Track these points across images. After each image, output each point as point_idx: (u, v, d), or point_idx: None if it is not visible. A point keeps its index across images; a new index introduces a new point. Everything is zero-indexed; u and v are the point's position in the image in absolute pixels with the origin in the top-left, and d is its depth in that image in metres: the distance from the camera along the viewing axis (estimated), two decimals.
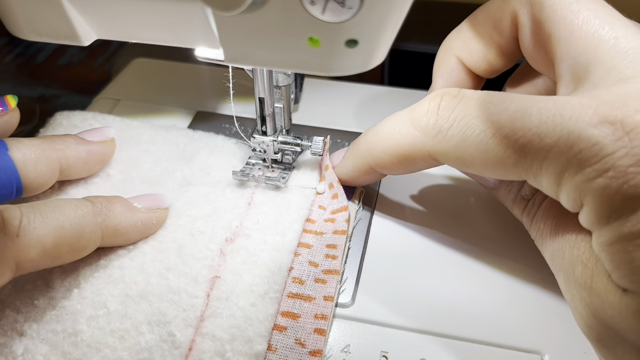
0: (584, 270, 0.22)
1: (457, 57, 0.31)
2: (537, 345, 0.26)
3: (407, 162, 0.27)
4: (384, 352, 0.26)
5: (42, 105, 0.50)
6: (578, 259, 0.22)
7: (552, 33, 0.25)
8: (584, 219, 0.22)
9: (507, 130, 0.22)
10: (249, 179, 0.33)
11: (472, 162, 0.24)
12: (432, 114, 0.26)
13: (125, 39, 0.26)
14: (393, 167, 0.29)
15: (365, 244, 0.31)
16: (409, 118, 0.27)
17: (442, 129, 0.25)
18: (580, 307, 0.22)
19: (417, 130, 0.26)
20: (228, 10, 0.21)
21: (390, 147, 0.28)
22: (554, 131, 0.21)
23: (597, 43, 0.23)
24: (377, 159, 0.29)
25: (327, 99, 0.43)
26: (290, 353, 0.25)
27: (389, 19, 0.22)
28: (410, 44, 0.48)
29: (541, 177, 0.22)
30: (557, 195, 0.22)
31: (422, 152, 0.26)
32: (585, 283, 0.22)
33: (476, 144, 0.24)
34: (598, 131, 0.20)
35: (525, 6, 0.27)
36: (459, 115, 0.24)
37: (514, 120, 0.22)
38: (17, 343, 0.24)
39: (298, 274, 0.28)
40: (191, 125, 0.40)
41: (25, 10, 0.25)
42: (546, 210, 0.26)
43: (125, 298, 0.27)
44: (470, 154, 0.24)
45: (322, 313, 0.27)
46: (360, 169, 0.31)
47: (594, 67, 0.23)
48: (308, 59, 0.24)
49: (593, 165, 0.20)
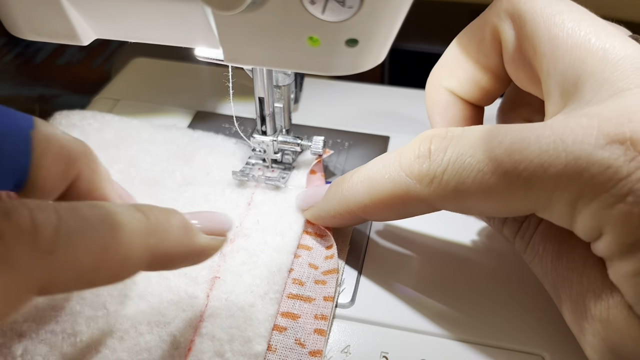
0: (597, 302, 0.20)
1: (447, 89, 0.29)
2: (537, 347, 0.26)
3: (403, 211, 0.26)
4: (384, 352, 0.26)
5: (41, 105, 0.50)
6: (589, 289, 0.21)
7: (537, 48, 0.24)
8: (603, 248, 0.20)
9: (506, 165, 0.21)
10: (248, 179, 0.33)
11: (474, 205, 0.23)
12: (424, 159, 0.23)
13: (125, 39, 0.26)
14: (384, 215, 0.27)
15: (365, 244, 0.31)
16: (398, 164, 0.25)
17: (436, 175, 0.23)
18: (594, 341, 0.21)
19: (410, 178, 0.24)
20: (228, 10, 0.21)
21: (381, 196, 0.25)
22: (558, 159, 0.19)
23: (584, 56, 0.22)
24: (365, 207, 0.26)
25: (327, 99, 0.43)
26: (290, 353, 0.25)
27: (389, 19, 0.22)
28: (411, 44, 0.48)
29: (551, 209, 0.21)
30: (571, 226, 0.21)
31: (417, 200, 0.24)
32: (600, 315, 0.20)
33: (476, 185, 0.22)
34: (608, 153, 0.19)
35: (506, 22, 0.26)
36: (452, 156, 0.22)
37: (511, 153, 0.20)
38: (16, 343, 0.24)
39: (298, 275, 0.28)
40: (191, 125, 0.40)
41: (25, 10, 0.25)
42: (545, 234, 0.24)
43: (124, 299, 0.26)
44: (471, 197, 0.22)
45: (322, 313, 0.26)
46: (344, 215, 0.28)
47: (584, 82, 0.21)
48: (308, 58, 0.24)
49: (610, 191, 0.19)
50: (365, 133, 0.40)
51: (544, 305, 0.28)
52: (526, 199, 0.21)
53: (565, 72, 0.22)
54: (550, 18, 0.23)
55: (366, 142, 0.39)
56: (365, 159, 0.37)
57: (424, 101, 0.44)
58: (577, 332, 0.22)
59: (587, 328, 0.21)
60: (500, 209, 0.22)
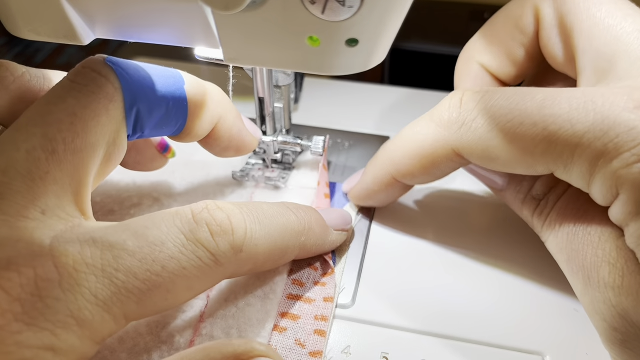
0: (611, 270, 0.21)
1: (479, 63, 0.30)
2: (538, 346, 0.26)
3: (430, 164, 0.26)
4: (384, 352, 0.26)
5: None
6: (604, 260, 0.22)
7: (574, 26, 0.25)
8: (618, 210, 0.21)
9: (535, 117, 0.22)
10: (248, 179, 0.33)
11: (498, 155, 0.23)
12: (455, 108, 0.25)
13: (125, 39, 0.26)
14: (415, 173, 0.27)
15: (365, 244, 0.31)
16: (429, 117, 0.26)
17: (465, 121, 0.24)
18: (604, 307, 0.22)
19: (438, 127, 0.25)
20: (227, 9, 0.21)
21: (411, 150, 0.26)
22: (586, 117, 0.20)
23: (620, 35, 0.23)
24: (399, 165, 0.27)
25: (327, 98, 0.43)
26: (290, 354, 0.25)
27: (389, 18, 0.22)
28: (411, 43, 0.48)
29: (572, 166, 0.21)
30: (588, 186, 0.22)
31: (445, 149, 0.25)
32: (613, 282, 0.21)
33: (503, 134, 0.23)
34: (635, 115, 0.20)
35: (547, 0, 0.27)
36: (483, 106, 0.24)
37: (542, 108, 0.22)
38: None
39: (297, 276, 0.28)
40: None
41: (24, 10, 0.25)
42: (562, 211, 0.25)
43: None
44: (496, 145, 0.23)
45: (322, 314, 0.26)
46: (381, 181, 0.29)
47: (619, 59, 0.23)
48: (308, 58, 0.24)
49: (632, 150, 0.19)
50: (365, 133, 0.40)
51: (544, 305, 0.28)
52: (547, 154, 0.22)
53: (600, 49, 0.24)
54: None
55: (366, 142, 0.39)
56: (365, 159, 0.37)
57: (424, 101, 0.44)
58: (586, 302, 0.23)
59: (598, 296, 0.22)
60: (520, 161, 0.23)
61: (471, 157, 0.25)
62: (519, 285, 0.29)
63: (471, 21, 0.50)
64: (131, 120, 0.24)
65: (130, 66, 0.24)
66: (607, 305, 0.21)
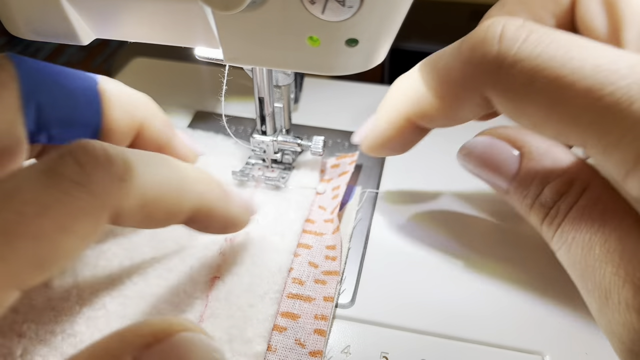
0: (637, 293, 0.19)
1: None
2: (538, 346, 0.26)
3: (454, 105, 0.23)
4: (384, 352, 0.26)
5: None
6: (627, 280, 0.20)
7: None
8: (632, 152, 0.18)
9: (590, 81, 0.18)
10: (248, 179, 0.33)
11: (535, 111, 0.20)
12: (493, 42, 0.20)
13: (124, 39, 0.26)
14: (435, 115, 0.24)
15: (365, 244, 0.31)
16: (457, 49, 0.22)
17: (505, 64, 0.20)
18: (624, 331, 0.20)
19: (470, 63, 0.21)
20: (227, 10, 0.21)
21: (434, 86, 0.23)
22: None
23: None
24: (417, 104, 0.24)
25: (327, 98, 0.43)
26: (290, 353, 0.25)
27: (389, 18, 0.22)
28: (411, 44, 0.48)
29: (615, 149, 0.19)
30: (625, 178, 0.19)
31: (474, 91, 0.22)
32: (638, 306, 0.19)
33: (548, 91, 0.19)
34: None
35: None
36: (531, 51, 0.20)
37: (599, 72, 0.18)
38: (15, 344, 0.24)
39: (298, 274, 0.28)
40: (190, 125, 0.40)
41: (25, 10, 0.25)
42: (576, 222, 0.22)
43: (124, 299, 0.26)
44: (536, 99, 0.20)
45: (322, 314, 0.26)
46: (396, 123, 0.26)
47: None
48: (308, 58, 0.24)
49: None
50: None
51: (544, 305, 0.28)
52: (593, 126, 0.19)
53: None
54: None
55: None
56: (365, 158, 0.37)
57: None
58: (604, 323, 0.21)
59: (617, 318, 0.20)
60: (559, 125, 0.20)
61: (502, 106, 0.21)
62: (519, 285, 0.29)
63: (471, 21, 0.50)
64: (31, 112, 0.22)
65: (33, 61, 0.23)
66: (628, 329, 0.20)
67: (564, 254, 0.23)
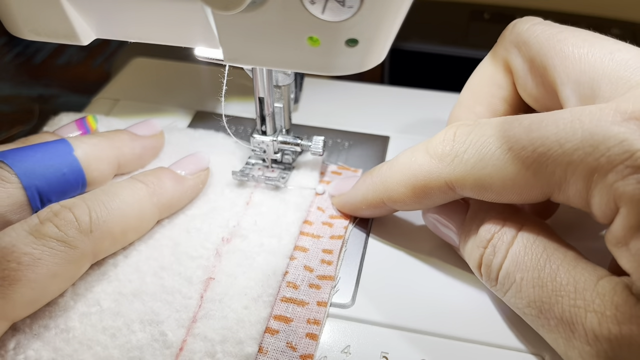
0: (602, 320, 0.20)
1: None
2: (538, 346, 0.26)
3: (423, 193, 0.26)
4: (384, 352, 0.26)
5: (41, 105, 0.49)
6: (587, 309, 0.20)
7: (547, 63, 0.26)
8: (619, 227, 0.20)
9: (524, 142, 0.22)
10: (248, 179, 0.33)
11: (490, 183, 0.23)
12: (448, 141, 0.25)
13: (125, 39, 0.26)
14: (407, 201, 0.27)
15: (365, 244, 0.31)
16: (424, 148, 0.26)
17: (458, 154, 0.24)
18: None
19: (433, 159, 0.25)
20: (227, 10, 0.21)
21: (405, 179, 0.27)
22: (574, 135, 0.20)
23: (594, 61, 0.23)
24: (391, 191, 0.28)
25: (327, 98, 0.43)
26: (281, 356, 0.25)
27: (389, 19, 0.22)
28: (410, 44, 0.48)
29: (567, 185, 0.21)
30: (587, 203, 0.21)
31: (438, 181, 0.25)
32: (609, 333, 0.20)
33: (493, 161, 0.23)
34: (624, 128, 0.19)
35: (512, 51, 0.28)
36: (474, 137, 0.24)
37: (529, 132, 0.22)
38: (9, 337, 0.24)
39: (293, 278, 0.28)
40: (190, 124, 0.40)
41: (25, 10, 0.25)
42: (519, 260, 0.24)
43: (118, 296, 0.26)
44: (488, 174, 0.23)
45: (315, 318, 0.26)
46: (371, 202, 0.29)
47: (600, 82, 0.23)
48: (308, 58, 0.24)
49: (625, 162, 0.19)
50: (365, 133, 0.40)
51: None
52: (540, 176, 0.22)
53: (578, 78, 0.24)
54: (554, 37, 0.26)
55: (366, 142, 0.39)
56: (365, 159, 0.37)
57: (424, 101, 0.44)
58: (574, 355, 0.21)
59: (588, 350, 0.20)
60: (514, 188, 0.23)
61: (464, 189, 0.25)
62: None
63: (471, 21, 0.51)
64: (35, 195, 0.28)
65: (21, 155, 0.28)
66: (603, 357, 0.20)
67: (513, 296, 0.24)
